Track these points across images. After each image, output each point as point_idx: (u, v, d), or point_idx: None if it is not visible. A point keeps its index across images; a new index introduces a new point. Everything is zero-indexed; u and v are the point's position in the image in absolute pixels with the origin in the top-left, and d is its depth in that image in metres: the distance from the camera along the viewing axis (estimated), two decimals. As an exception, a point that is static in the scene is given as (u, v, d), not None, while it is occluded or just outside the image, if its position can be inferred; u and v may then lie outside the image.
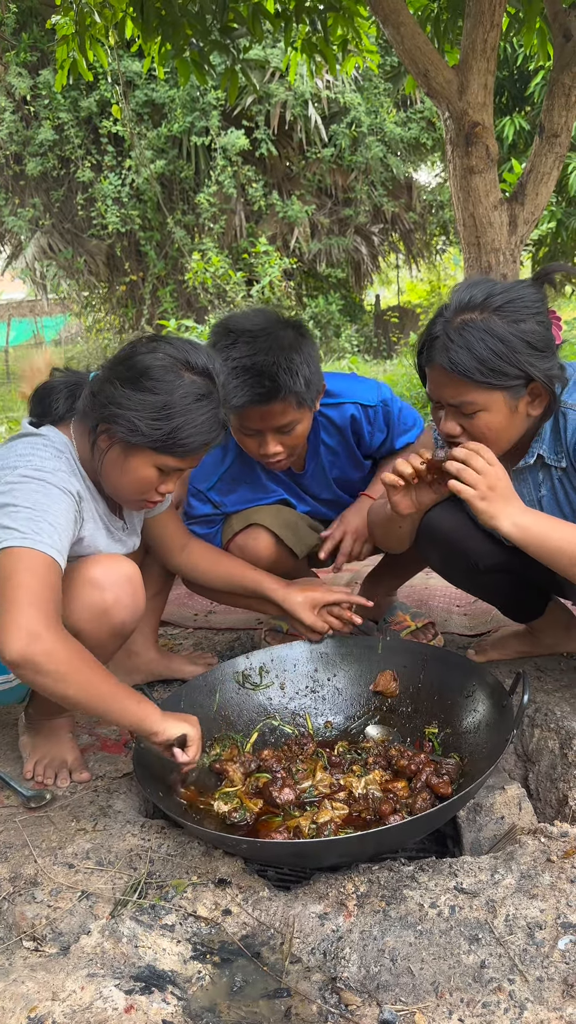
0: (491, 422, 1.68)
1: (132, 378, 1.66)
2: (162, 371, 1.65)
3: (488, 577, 2.04)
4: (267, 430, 2.05)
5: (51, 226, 12.60)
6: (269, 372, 1.93)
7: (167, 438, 1.65)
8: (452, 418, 1.72)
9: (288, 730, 2.02)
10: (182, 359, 1.68)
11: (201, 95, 11.59)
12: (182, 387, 1.65)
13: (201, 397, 1.67)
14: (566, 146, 4.58)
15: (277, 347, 1.96)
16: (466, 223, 4.64)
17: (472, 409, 1.67)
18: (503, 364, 1.61)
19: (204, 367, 1.70)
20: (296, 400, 2.00)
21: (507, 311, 1.63)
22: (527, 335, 1.62)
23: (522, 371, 1.63)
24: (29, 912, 1.46)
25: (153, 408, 1.64)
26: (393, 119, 12.86)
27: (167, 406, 1.64)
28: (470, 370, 1.62)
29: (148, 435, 1.65)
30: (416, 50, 4.27)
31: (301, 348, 2.01)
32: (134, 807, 1.78)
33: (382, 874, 1.48)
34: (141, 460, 1.70)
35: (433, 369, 1.71)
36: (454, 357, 1.62)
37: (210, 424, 1.69)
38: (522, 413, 1.70)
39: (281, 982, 1.31)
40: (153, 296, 13.12)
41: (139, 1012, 1.22)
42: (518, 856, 1.48)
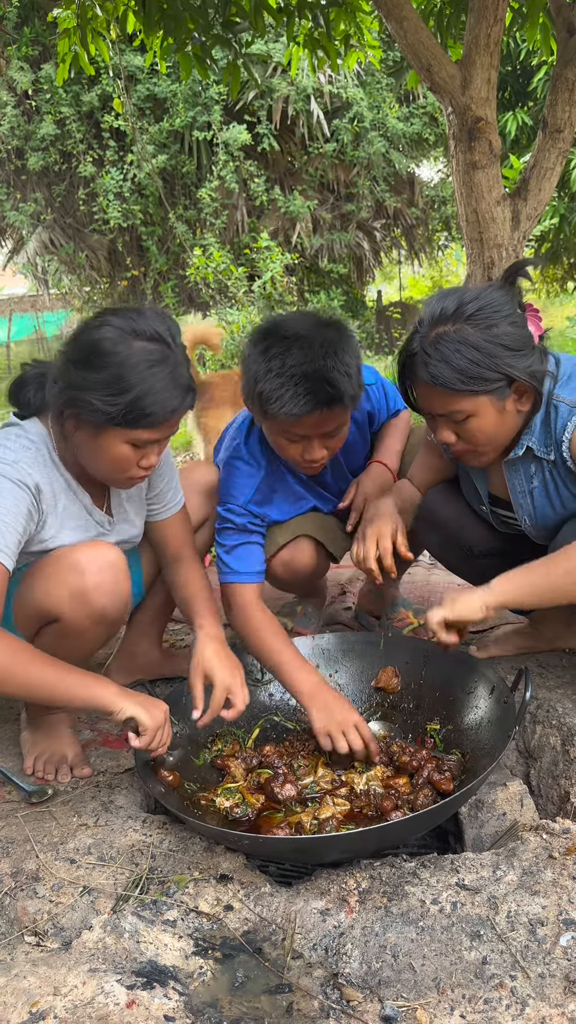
0: (482, 425, 1.72)
1: (83, 358, 1.63)
2: (110, 344, 1.61)
3: (483, 562, 2.08)
4: (316, 436, 1.98)
5: (52, 221, 12.57)
6: (329, 378, 1.87)
7: (128, 411, 1.60)
8: (445, 427, 1.76)
9: (290, 726, 2.01)
10: (129, 328, 1.63)
11: (203, 90, 11.55)
12: (132, 356, 1.60)
13: (154, 363, 1.61)
14: (569, 141, 4.56)
15: (331, 351, 1.89)
16: (468, 219, 4.63)
17: (461, 417, 1.71)
18: (482, 370, 1.65)
19: (154, 332, 1.64)
20: (353, 404, 1.98)
21: (478, 318, 1.66)
22: (501, 338, 1.65)
23: (502, 373, 1.66)
24: (31, 907, 1.46)
25: (107, 384, 1.60)
26: (396, 114, 12.81)
27: (120, 378, 1.59)
28: (451, 381, 1.65)
29: (108, 412, 1.60)
30: (419, 45, 4.26)
31: (348, 347, 1.95)
32: (136, 802, 1.78)
33: (384, 870, 1.48)
34: (110, 438, 1.66)
35: (417, 385, 1.75)
36: (434, 371, 1.66)
37: (170, 389, 1.63)
38: (511, 411, 1.74)
39: (283, 978, 1.31)
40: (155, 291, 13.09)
41: (141, 1007, 1.22)
42: (520, 852, 1.48)
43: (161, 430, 1.68)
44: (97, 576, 1.71)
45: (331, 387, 1.88)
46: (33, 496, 1.70)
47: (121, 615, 1.82)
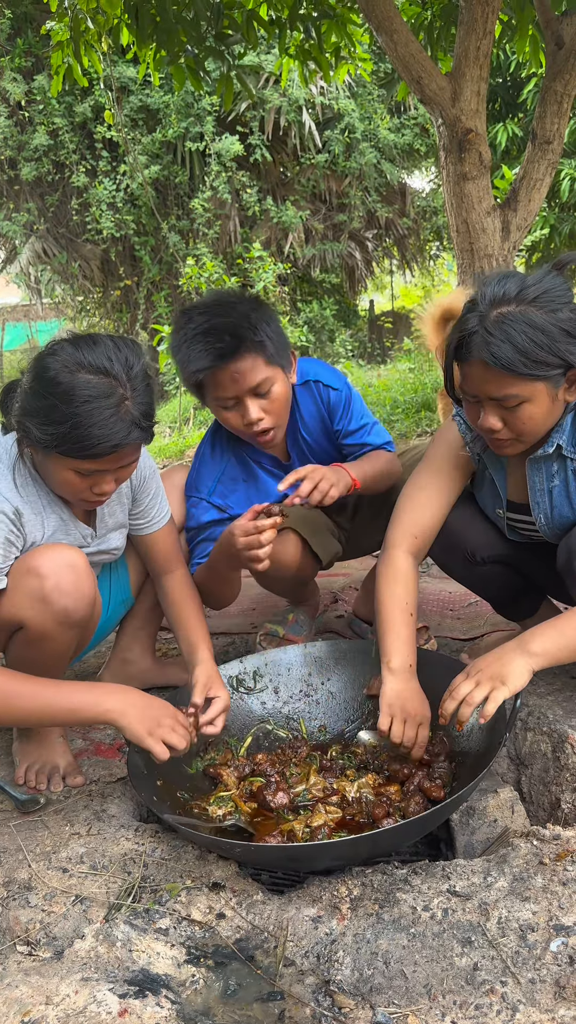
0: (534, 413, 1.68)
1: (32, 384, 1.63)
2: (54, 373, 1.60)
3: (485, 569, 2.07)
4: (243, 394, 2.03)
5: (46, 231, 12.61)
6: (227, 328, 1.95)
7: (63, 441, 1.59)
8: (493, 413, 1.70)
9: (282, 734, 2.02)
10: (75, 360, 1.61)
11: (195, 101, 11.62)
12: (72, 388, 1.58)
13: (93, 398, 1.59)
14: (558, 152, 4.62)
15: (233, 310, 1.99)
16: (459, 229, 4.67)
17: (515, 402, 1.67)
18: (545, 354, 1.61)
19: (100, 366, 1.62)
20: (263, 355, 2.01)
21: (543, 301, 1.63)
22: (564, 323, 1.63)
23: (563, 360, 1.63)
24: (23, 916, 1.46)
25: (44, 412, 1.60)
26: (387, 125, 12.91)
27: (54, 409, 1.58)
28: (514, 363, 1.61)
29: (44, 440, 1.61)
30: (409, 57, 4.30)
31: (257, 309, 2.03)
32: (128, 811, 1.78)
33: (375, 877, 1.48)
34: (55, 464, 1.66)
35: (472, 365, 1.68)
36: (496, 351, 1.61)
37: (110, 424, 1.59)
38: (561, 400, 1.71)
39: (275, 985, 1.31)
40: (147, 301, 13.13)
41: (133, 1016, 1.22)
42: (511, 859, 1.48)
43: (103, 463, 1.65)
44: (55, 577, 1.70)
45: (231, 336, 1.94)
46: (12, 522, 1.71)
47: (87, 614, 1.79)
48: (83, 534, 1.89)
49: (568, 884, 1.40)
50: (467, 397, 1.75)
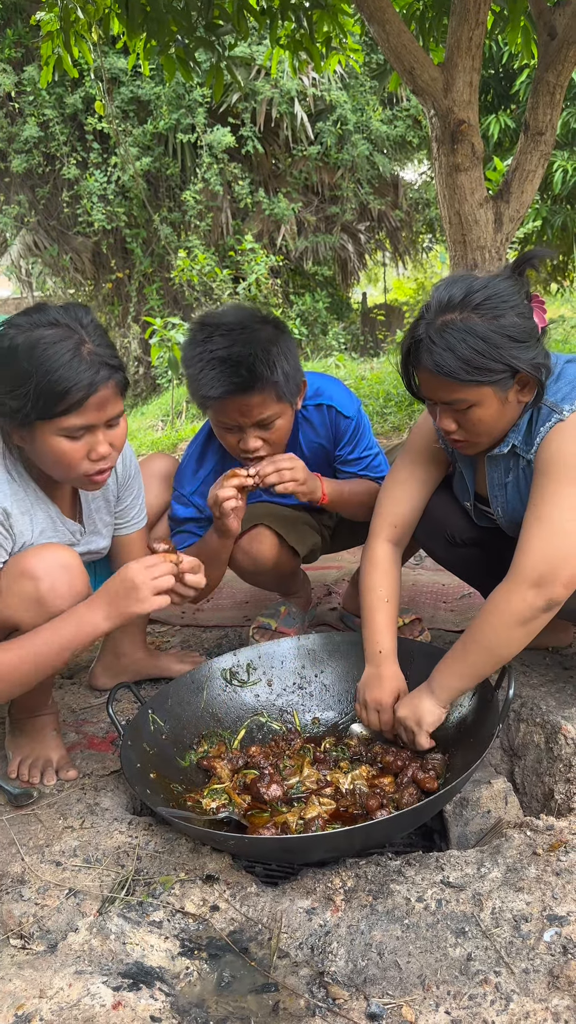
0: (484, 415, 1.71)
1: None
2: (11, 340, 1.59)
3: (464, 551, 2.13)
4: (247, 424, 2.03)
5: (36, 223, 12.55)
6: (246, 363, 1.93)
7: (37, 399, 1.57)
8: (447, 415, 1.75)
9: (276, 727, 2.02)
10: (25, 323, 1.61)
11: (187, 92, 11.57)
12: (31, 344, 1.57)
13: (51, 343, 1.58)
14: (551, 144, 4.60)
15: (254, 340, 1.96)
16: (452, 221, 4.66)
17: (464, 406, 1.70)
18: (487, 361, 1.63)
19: (51, 320, 1.61)
20: (275, 393, 2.00)
21: (486, 308, 1.65)
22: (508, 329, 1.64)
23: (507, 365, 1.65)
24: (16, 910, 1.45)
25: (12, 378, 1.58)
26: (379, 117, 12.88)
27: (19, 370, 1.57)
28: (455, 371, 1.64)
29: (19, 408, 1.58)
30: (401, 48, 4.28)
31: (279, 342, 2.01)
32: (121, 804, 1.78)
33: (369, 869, 1.49)
34: (42, 436, 1.63)
35: (421, 371, 1.73)
36: (438, 359, 1.64)
37: (75, 365, 1.58)
38: (513, 402, 1.73)
39: (269, 977, 1.31)
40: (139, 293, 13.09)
41: (127, 1008, 1.22)
42: (504, 850, 1.49)
43: (87, 413, 1.61)
44: (49, 579, 1.68)
45: (247, 371, 1.93)
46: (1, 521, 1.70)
47: None
48: (71, 531, 1.88)
49: (561, 874, 1.40)
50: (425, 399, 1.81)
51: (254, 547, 2.26)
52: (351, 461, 2.33)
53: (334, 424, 2.28)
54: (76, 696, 2.31)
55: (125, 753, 1.70)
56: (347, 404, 2.29)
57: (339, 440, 2.31)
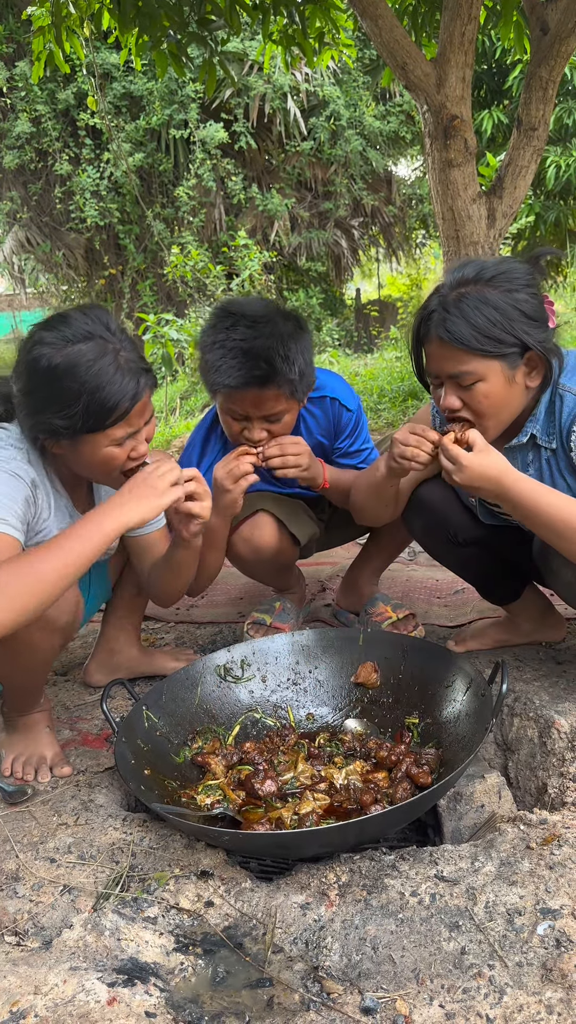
0: (490, 392, 1.71)
1: (27, 383, 1.63)
2: (46, 360, 1.60)
3: (466, 551, 2.11)
4: (255, 417, 2.06)
5: (29, 219, 12.49)
6: (266, 356, 1.95)
7: (89, 417, 1.61)
8: (452, 392, 1.74)
9: (270, 722, 2.02)
10: (59, 339, 1.62)
11: (179, 88, 11.52)
12: (72, 363, 1.59)
13: (94, 360, 1.60)
14: (544, 139, 4.60)
15: (276, 334, 1.98)
16: (445, 216, 4.66)
17: (470, 380, 1.70)
18: (498, 332, 1.66)
19: (84, 331, 1.63)
20: (289, 389, 2.02)
21: (499, 281, 1.68)
22: (521, 304, 1.67)
23: (517, 339, 1.67)
24: (11, 907, 1.45)
25: (56, 400, 1.60)
26: (372, 112, 12.85)
27: (65, 390, 1.59)
28: (467, 338, 1.66)
29: (72, 426, 1.61)
30: (394, 43, 4.28)
31: (299, 339, 2.03)
32: (116, 801, 1.78)
33: (363, 864, 1.49)
34: (89, 446, 1.67)
35: (431, 343, 1.74)
36: (451, 327, 1.66)
37: (119, 378, 1.61)
38: (520, 384, 1.74)
39: (263, 972, 1.32)
40: (132, 290, 13.05)
41: (122, 1004, 1.22)
42: (498, 844, 1.49)
43: (132, 420, 1.68)
44: None
45: (267, 364, 1.95)
46: (30, 489, 1.71)
47: (72, 621, 1.80)
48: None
49: (555, 868, 1.41)
50: (431, 379, 1.81)
51: (255, 534, 2.26)
52: (351, 453, 2.35)
53: (336, 416, 2.30)
54: (70, 693, 2.31)
55: (119, 749, 1.70)
56: (349, 398, 2.32)
57: (339, 433, 2.33)
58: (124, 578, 2.24)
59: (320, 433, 2.32)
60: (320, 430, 2.32)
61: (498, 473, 1.68)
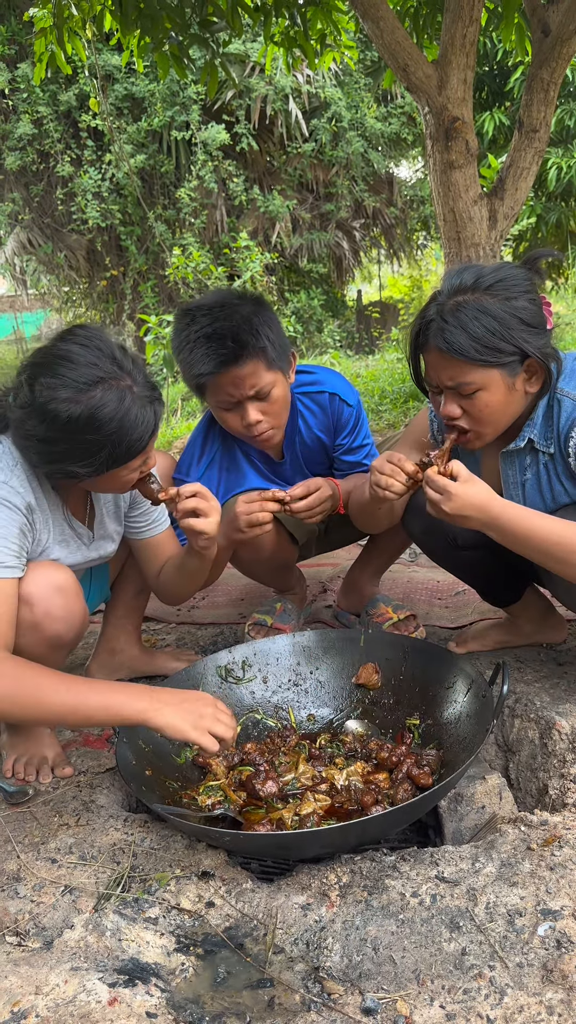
0: (490, 401, 1.71)
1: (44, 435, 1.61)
2: (68, 413, 1.57)
3: (467, 554, 2.09)
4: (243, 398, 2.07)
5: (31, 221, 12.50)
6: (230, 334, 1.98)
7: (113, 458, 1.64)
8: (452, 400, 1.74)
9: (271, 723, 2.02)
10: (71, 386, 1.58)
11: (181, 89, 11.54)
12: (93, 413, 1.58)
13: (115, 407, 1.59)
14: (545, 141, 4.61)
15: (235, 314, 2.02)
16: (446, 218, 4.66)
17: (470, 389, 1.70)
18: (498, 341, 1.64)
19: (94, 377, 1.59)
20: (264, 360, 2.04)
21: (498, 290, 1.67)
22: (519, 312, 1.66)
23: (517, 347, 1.66)
24: (12, 907, 1.46)
25: (83, 450, 1.61)
26: (374, 114, 12.86)
27: (89, 442, 1.60)
28: (466, 349, 1.65)
29: (97, 467, 1.64)
30: (395, 45, 4.28)
31: (259, 313, 2.06)
32: (117, 801, 1.78)
33: (364, 864, 1.49)
34: (109, 478, 1.71)
35: (430, 353, 1.73)
36: (449, 338, 1.65)
37: (137, 416, 1.62)
38: (520, 391, 1.73)
39: (264, 973, 1.32)
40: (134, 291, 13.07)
41: (123, 1005, 1.23)
42: (499, 845, 1.49)
43: (147, 449, 1.71)
44: (45, 604, 1.70)
45: (234, 342, 1.98)
46: (25, 516, 1.70)
47: (77, 635, 1.82)
48: (80, 533, 1.90)
49: (555, 869, 1.41)
50: (430, 387, 1.80)
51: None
52: (353, 450, 2.36)
53: (336, 412, 2.31)
54: (71, 694, 2.31)
55: (120, 750, 1.71)
56: (349, 393, 2.33)
57: (340, 430, 2.33)
58: (124, 577, 2.25)
59: (319, 429, 2.32)
60: (320, 426, 2.32)
61: (485, 501, 1.67)
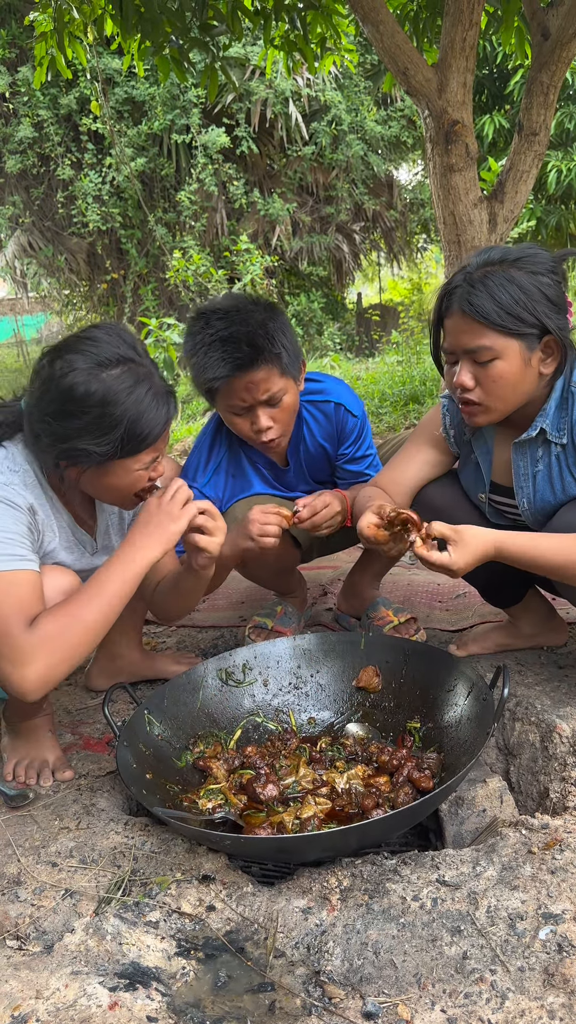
0: (505, 371, 1.73)
1: (59, 409, 1.61)
2: (83, 386, 1.58)
3: None
4: (255, 403, 2.08)
5: (31, 224, 12.53)
6: (246, 339, 1.99)
7: (124, 443, 1.62)
8: (466, 368, 1.76)
9: (272, 727, 2.02)
10: (93, 363, 1.61)
11: (181, 93, 11.56)
12: (109, 390, 1.59)
13: (132, 387, 1.61)
14: (545, 144, 4.61)
15: (251, 319, 2.02)
16: (446, 221, 4.66)
17: (487, 356, 1.72)
18: (521, 311, 1.68)
19: (117, 355, 1.63)
20: (278, 367, 2.05)
21: (525, 263, 1.71)
22: (545, 288, 1.70)
23: (538, 321, 1.70)
24: (12, 911, 1.45)
25: (94, 427, 1.60)
26: (374, 117, 12.88)
27: (104, 416, 1.59)
28: (489, 313, 1.68)
29: (107, 452, 1.62)
30: (395, 48, 4.28)
31: (274, 319, 2.07)
32: (118, 805, 1.78)
33: (365, 868, 1.49)
34: (118, 471, 1.69)
35: (452, 316, 1.76)
36: (475, 300, 1.69)
37: (154, 404, 1.64)
38: (534, 369, 1.75)
39: (265, 976, 1.31)
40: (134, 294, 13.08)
41: (123, 1008, 1.22)
42: (499, 848, 1.49)
43: (159, 443, 1.70)
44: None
45: (248, 346, 1.99)
46: (28, 516, 1.71)
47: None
48: (82, 541, 1.90)
49: (556, 873, 1.40)
50: (447, 356, 1.82)
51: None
52: (356, 459, 2.37)
53: (341, 422, 2.32)
54: (72, 697, 2.31)
55: (121, 754, 1.70)
56: (354, 404, 2.34)
57: (344, 439, 2.35)
58: None
59: (323, 437, 2.33)
60: (323, 434, 2.33)
61: (485, 547, 1.72)
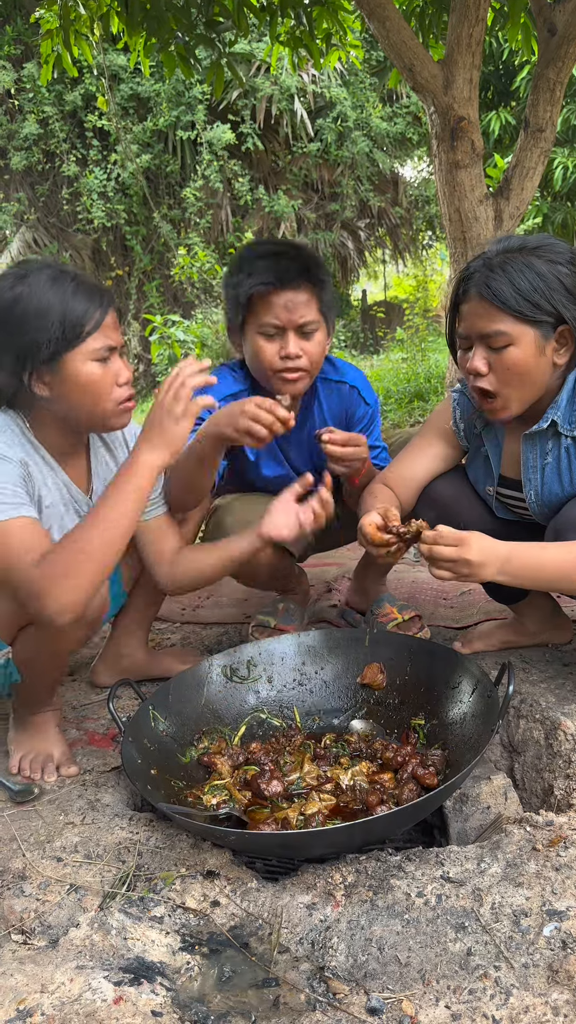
0: (518, 358, 1.74)
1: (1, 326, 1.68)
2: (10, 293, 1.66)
3: None
4: (291, 325, 2.06)
5: (36, 220, 12.54)
6: (296, 258, 2.02)
7: (64, 329, 1.65)
8: (480, 354, 1.77)
9: (276, 723, 2.02)
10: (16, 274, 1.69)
11: (187, 89, 11.56)
12: (32, 289, 1.66)
13: (54, 280, 1.68)
14: (551, 141, 4.60)
15: (302, 249, 2.07)
16: (452, 218, 4.65)
17: (502, 342, 1.73)
18: (538, 298, 1.70)
19: (40, 263, 1.73)
20: (319, 298, 2.07)
21: (544, 252, 1.73)
22: (563, 277, 1.71)
23: (555, 310, 1.71)
24: (17, 906, 1.46)
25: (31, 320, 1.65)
26: (379, 114, 12.86)
27: (38, 309, 1.65)
28: (507, 297, 1.70)
29: (50, 341, 1.65)
30: (401, 44, 4.28)
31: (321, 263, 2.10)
32: (122, 800, 1.79)
33: (369, 864, 1.49)
34: (73, 366, 1.69)
35: (469, 301, 1.77)
36: (493, 284, 1.71)
37: (82, 291, 1.69)
38: (548, 359, 1.76)
39: (269, 972, 1.32)
40: (139, 291, 13.09)
41: (128, 1003, 1.23)
42: (504, 845, 1.49)
43: (107, 331, 1.72)
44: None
45: (299, 262, 2.01)
46: (22, 468, 1.72)
47: (99, 613, 1.81)
48: (77, 499, 1.90)
49: (561, 870, 1.40)
50: (461, 341, 1.83)
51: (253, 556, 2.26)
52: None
53: (352, 406, 2.32)
54: (77, 693, 2.32)
55: (126, 749, 1.71)
56: (369, 392, 2.34)
57: (353, 425, 2.32)
58: (139, 587, 2.24)
59: (332, 416, 2.32)
60: (333, 413, 2.31)
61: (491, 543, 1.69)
